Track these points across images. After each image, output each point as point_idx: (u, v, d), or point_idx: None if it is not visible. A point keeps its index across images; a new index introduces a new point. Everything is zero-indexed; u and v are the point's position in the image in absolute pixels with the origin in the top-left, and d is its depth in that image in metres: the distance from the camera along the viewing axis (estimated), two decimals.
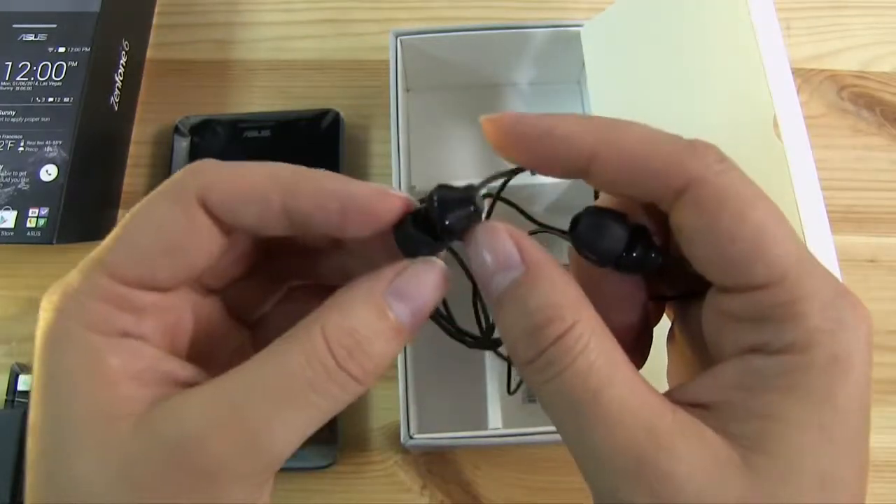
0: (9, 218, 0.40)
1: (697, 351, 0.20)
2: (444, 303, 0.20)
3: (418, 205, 0.18)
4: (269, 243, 0.21)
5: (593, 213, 0.19)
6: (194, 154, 0.45)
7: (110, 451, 0.16)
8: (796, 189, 0.27)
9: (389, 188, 0.18)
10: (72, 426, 0.16)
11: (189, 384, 0.17)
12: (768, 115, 0.28)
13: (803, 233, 0.26)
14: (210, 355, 0.20)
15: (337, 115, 0.46)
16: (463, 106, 0.48)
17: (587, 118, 0.18)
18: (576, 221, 0.19)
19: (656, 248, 0.18)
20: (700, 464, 0.15)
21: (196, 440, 0.16)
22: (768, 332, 0.16)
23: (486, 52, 0.45)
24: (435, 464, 0.40)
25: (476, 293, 0.22)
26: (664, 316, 0.22)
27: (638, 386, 0.16)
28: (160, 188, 0.18)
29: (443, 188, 0.18)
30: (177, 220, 0.17)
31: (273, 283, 0.22)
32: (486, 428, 0.38)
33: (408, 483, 0.40)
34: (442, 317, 0.21)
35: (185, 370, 0.18)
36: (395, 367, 0.36)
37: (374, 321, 0.17)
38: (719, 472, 0.15)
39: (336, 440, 0.39)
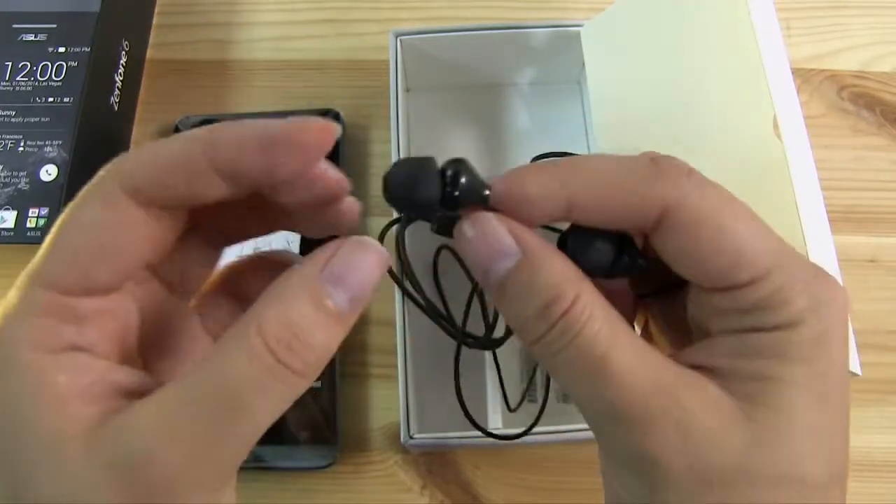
0: (9, 218, 0.40)
1: (675, 339, 0.22)
2: (444, 303, 0.21)
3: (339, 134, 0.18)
4: (198, 214, 0.19)
5: (577, 231, 0.20)
6: None
7: (63, 477, 0.15)
8: (796, 189, 0.27)
9: (309, 120, 0.17)
10: (23, 453, 0.15)
11: (139, 393, 0.17)
12: (768, 115, 0.28)
13: (803, 233, 0.26)
14: (162, 343, 0.20)
15: (337, 115, 0.46)
16: (463, 106, 0.48)
17: (552, 168, 0.19)
18: (563, 240, 0.20)
19: (642, 255, 0.20)
20: (705, 412, 0.17)
21: (146, 458, 0.15)
22: (758, 318, 0.18)
23: (486, 52, 0.45)
24: (435, 464, 0.40)
25: (473, 294, 0.23)
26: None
27: (641, 347, 0.18)
28: (84, 190, 0.17)
29: (463, 162, 0.19)
30: (106, 219, 0.17)
31: (208, 248, 0.21)
32: (485, 428, 0.37)
33: (408, 483, 0.40)
34: (442, 317, 0.21)
35: (132, 378, 0.17)
36: (395, 366, 0.36)
37: (312, 311, 0.16)
38: (723, 420, 0.17)
39: (336, 440, 0.39)
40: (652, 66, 0.37)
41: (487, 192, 0.19)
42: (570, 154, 0.42)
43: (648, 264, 0.20)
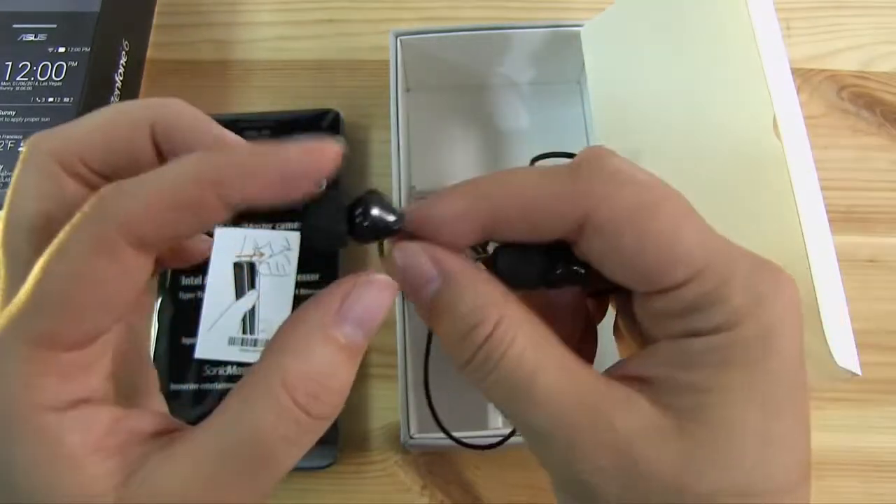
0: None
1: (637, 338, 0.21)
2: None
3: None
4: None
5: (505, 247, 0.19)
6: None
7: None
8: (796, 189, 0.27)
9: (322, 143, 0.18)
10: None
11: (155, 433, 0.17)
12: (768, 116, 0.28)
13: (803, 233, 0.26)
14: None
15: (337, 115, 0.46)
16: (463, 106, 0.48)
17: (469, 186, 0.18)
18: (495, 259, 0.20)
19: (579, 263, 0.19)
20: (637, 433, 0.16)
21: None
22: (696, 320, 0.17)
23: (486, 52, 0.45)
24: (435, 464, 0.40)
25: None
26: (610, 307, 0.23)
27: (570, 366, 0.17)
28: (72, 236, 0.16)
29: (375, 193, 0.19)
30: (105, 268, 0.15)
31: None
32: (486, 428, 0.37)
33: (408, 483, 0.40)
34: None
35: (144, 420, 0.17)
36: (395, 366, 0.36)
37: (333, 356, 0.17)
38: (655, 440, 0.16)
39: (336, 440, 0.39)
40: (652, 66, 0.37)
41: (394, 219, 0.18)
42: (571, 154, 0.42)
43: (587, 271, 0.19)
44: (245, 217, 0.20)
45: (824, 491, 0.40)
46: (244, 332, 0.39)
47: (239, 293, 0.40)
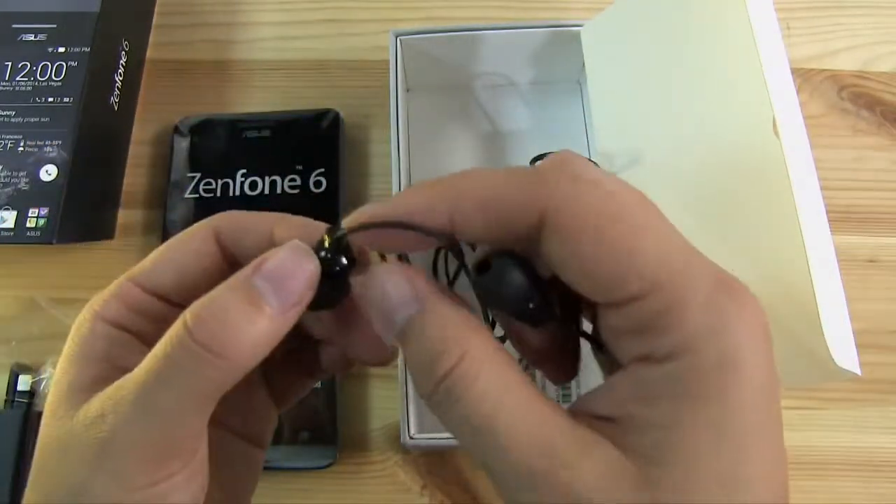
0: (9, 218, 0.40)
1: (607, 362, 0.20)
2: None
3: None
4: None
5: (499, 260, 0.19)
6: (194, 154, 0.45)
7: (58, 425, 0.18)
8: (795, 189, 0.27)
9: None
10: (52, 395, 0.19)
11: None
12: (768, 116, 0.28)
13: (802, 233, 0.26)
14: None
15: (337, 115, 0.46)
16: (463, 106, 0.48)
17: (438, 180, 0.18)
18: (480, 267, 0.19)
19: (558, 304, 0.19)
20: (596, 479, 0.15)
21: (100, 419, 0.17)
22: (651, 342, 0.16)
23: (486, 52, 0.45)
24: (435, 464, 0.40)
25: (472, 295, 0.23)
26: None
27: (534, 406, 0.16)
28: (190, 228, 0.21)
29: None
30: (191, 242, 0.21)
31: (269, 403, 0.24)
32: None
33: (408, 483, 0.40)
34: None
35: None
36: (395, 366, 0.36)
37: (236, 299, 0.17)
38: (616, 486, 0.15)
39: (336, 440, 0.39)
40: (651, 66, 0.37)
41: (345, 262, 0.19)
42: None
43: (559, 314, 0.18)
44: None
45: (824, 491, 0.40)
46: None
47: None
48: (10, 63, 0.43)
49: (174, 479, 0.18)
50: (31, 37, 0.43)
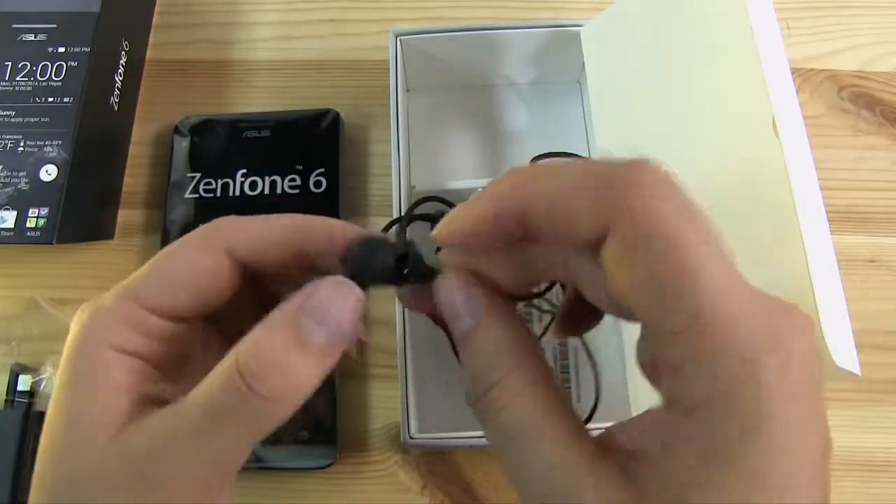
0: (9, 218, 0.40)
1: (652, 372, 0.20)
2: None
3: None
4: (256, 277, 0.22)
5: (359, 246, 0.20)
6: (194, 154, 0.45)
7: (88, 457, 0.18)
8: (795, 189, 0.27)
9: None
10: (66, 427, 0.18)
11: (164, 402, 0.18)
12: (768, 116, 0.28)
13: (801, 233, 0.26)
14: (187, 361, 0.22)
15: (337, 115, 0.46)
16: (463, 106, 0.48)
17: (505, 189, 0.18)
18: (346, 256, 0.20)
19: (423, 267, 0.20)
20: None
21: (149, 456, 0.17)
22: (684, 386, 0.15)
23: (486, 52, 0.45)
24: (435, 464, 0.40)
25: None
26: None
27: (560, 439, 0.17)
28: (189, 237, 0.20)
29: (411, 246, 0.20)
30: (203, 261, 0.20)
31: (258, 308, 0.23)
32: None
33: (408, 483, 0.40)
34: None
35: (164, 390, 0.20)
36: (395, 366, 0.36)
37: (286, 341, 0.17)
38: None
39: (336, 440, 0.39)
40: (651, 66, 0.37)
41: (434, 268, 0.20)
42: (571, 154, 0.42)
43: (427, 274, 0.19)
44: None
45: None
46: None
47: None
48: (10, 63, 0.43)
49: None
50: (31, 37, 0.43)
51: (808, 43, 0.50)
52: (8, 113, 0.42)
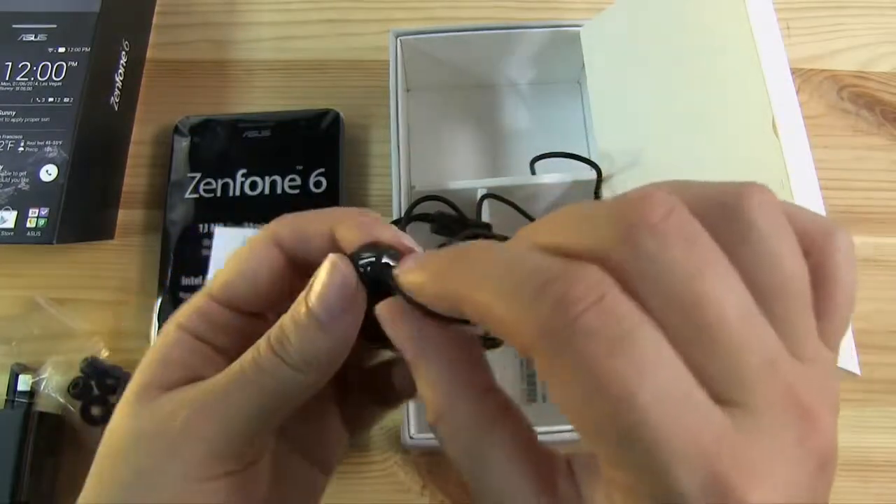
0: (9, 218, 0.40)
1: None
2: None
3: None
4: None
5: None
6: (194, 154, 0.45)
7: (132, 417, 0.20)
8: (794, 189, 0.27)
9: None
10: (127, 392, 0.21)
11: None
12: (767, 116, 0.28)
13: None
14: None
15: (337, 115, 0.46)
16: (463, 106, 0.48)
17: (448, 273, 0.17)
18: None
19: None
20: None
21: (173, 413, 0.19)
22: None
23: (485, 52, 0.45)
24: (435, 464, 0.40)
25: None
26: None
27: (506, 463, 0.17)
28: (252, 235, 0.22)
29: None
30: (257, 252, 0.21)
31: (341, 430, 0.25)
32: None
33: (408, 483, 0.40)
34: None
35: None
36: None
37: (300, 317, 0.19)
38: None
39: None
40: (651, 66, 0.37)
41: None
42: (571, 154, 0.42)
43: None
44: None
45: None
46: None
47: None
48: (10, 63, 0.43)
49: (232, 479, 0.19)
50: (31, 37, 0.43)
51: (808, 43, 0.50)
52: (8, 113, 0.42)
